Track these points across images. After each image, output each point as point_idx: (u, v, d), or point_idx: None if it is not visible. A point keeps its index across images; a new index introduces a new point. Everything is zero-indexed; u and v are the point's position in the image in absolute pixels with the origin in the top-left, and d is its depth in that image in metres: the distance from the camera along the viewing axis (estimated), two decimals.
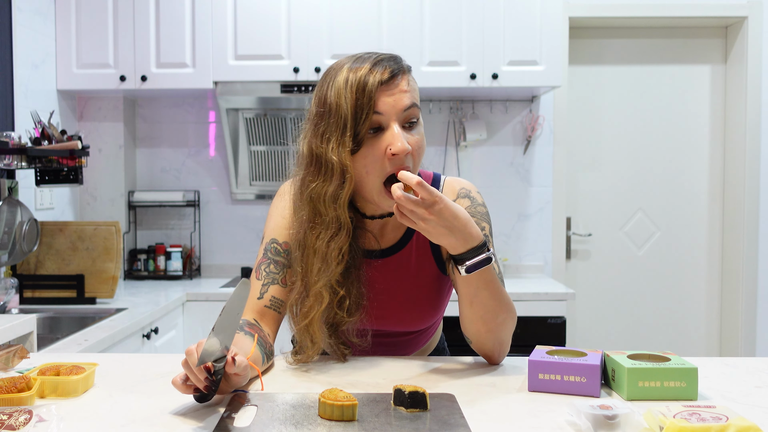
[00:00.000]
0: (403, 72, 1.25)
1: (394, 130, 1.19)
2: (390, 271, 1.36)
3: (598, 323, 3.85)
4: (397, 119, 1.21)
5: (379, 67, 1.22)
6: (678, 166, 3.82)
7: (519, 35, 3.23)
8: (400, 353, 1.45)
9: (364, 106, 1.19)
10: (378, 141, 1.20)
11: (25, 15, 2.97)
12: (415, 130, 1.24)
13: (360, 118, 1.19)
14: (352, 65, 1.23)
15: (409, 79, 1.26)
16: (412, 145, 1.22)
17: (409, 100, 1.22)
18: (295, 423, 0.97)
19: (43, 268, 2.85)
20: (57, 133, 2.75)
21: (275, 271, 1.33)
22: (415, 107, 1.24)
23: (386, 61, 1.24)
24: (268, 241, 1.35)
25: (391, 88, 1.21)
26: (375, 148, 1.20)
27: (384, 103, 1.20)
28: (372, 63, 1.23)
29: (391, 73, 1.22)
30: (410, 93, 1.23)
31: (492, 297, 1.21)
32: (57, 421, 0.93)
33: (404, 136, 1.20)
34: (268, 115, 3.41)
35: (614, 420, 0.91)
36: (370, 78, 1.20)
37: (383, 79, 1.20)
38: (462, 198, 1.36)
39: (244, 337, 1.20)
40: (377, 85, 1.20)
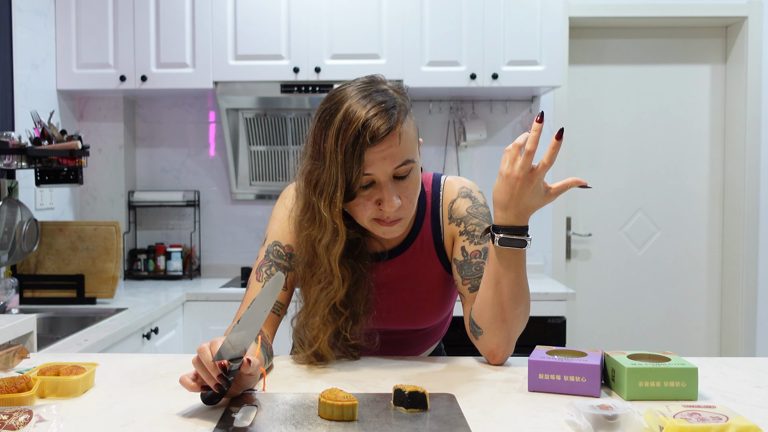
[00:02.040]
0: (396, 126, 1.19)
1: (385, 189, 1.20)
2: (396, 271, 1.37)
3: (598, 323, 3.85)
4: (388, 176, 1.20)
5: (371, 124, 1.16)
6: (678, 166, 3.82)
7: (519, 35, 3.23)
8: (410, 352, 1.46)
9: (354, 167, 1.18)
10: (370, 193, 1.22)
11: (25, 15, 2.97)
12: (408, 181, 1.23)
13: (351, 178, 1.19)
14: (347, 114, 1.18)
15: (401, 132, 1.19)
16: (405, 195, 1.22)
17: (400, 159, 1.20)
18: (295, 423, 0.97)
19: (43, 268, 2.85)
20: (57, 133, 2.75)
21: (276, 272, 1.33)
22: (407, 163, 1.21)
23: (380, 116, 1.17)
24: (271, 243, 1.35)
25: (382, 146, 1.18)
26: (366, 199, 1.22)
27: (374, 165, 1.19)
28: (364, 119, 1.16)
29: (383, 133, 1.17)
30: (402, 149, 1.19)
31: (517, 283, 1.23)
32: (57, 421, 0.93)
33: (396, 189, 1.21)
34: (268, 115, 3.41)
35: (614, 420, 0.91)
36: (360, 138, 1.16)
37: (374, 138, 1.16)
38: (463, 198, 1.37)
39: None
40: (367, 146, 1.17)
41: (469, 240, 1.34)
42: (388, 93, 1.22)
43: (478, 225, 1.34)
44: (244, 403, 1.06)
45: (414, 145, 1.24)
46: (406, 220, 1.26)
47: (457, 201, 1.37)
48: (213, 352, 0.99)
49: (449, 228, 1.36)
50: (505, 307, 1.24)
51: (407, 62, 3.22)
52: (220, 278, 3.54)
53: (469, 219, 1.35)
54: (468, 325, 1.31)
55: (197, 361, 1.00)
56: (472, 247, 1.33)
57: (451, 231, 1.36)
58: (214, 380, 0.99)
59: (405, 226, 1.27)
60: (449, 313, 1.49)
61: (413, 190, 1.24)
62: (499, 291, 1.23)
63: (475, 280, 1.32)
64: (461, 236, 1.35)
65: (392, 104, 1.20)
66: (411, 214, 1.27)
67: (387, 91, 1.23)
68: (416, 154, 1.25)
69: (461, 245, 1.34)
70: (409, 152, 1.22)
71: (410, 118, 1.24)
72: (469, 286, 1.33)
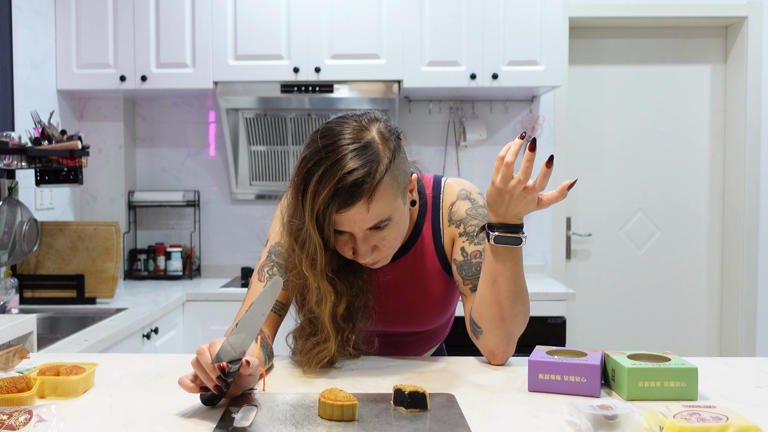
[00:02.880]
0: (365, 195, 1.15)
1: (359, 242, 1.21)
2: (396, 274, 1.37)
3: (598, 323, 3.85)
4: (361, 232, 1.20)
5: (340, 194, 1.14)
6: (678, 166, 3.81)
7: (519, 35, 3.23)
8: (411, 354, 1.46)
9: (327, 227, 1.18)
10: (346, 240, 1.22)
11: (25, 15, 2.97)
12: (386, 231, 1.22)
13: (324, 233, 1.19)
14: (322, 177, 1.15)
15: (372, 199, 1.16)
16: (383, 243, 1.22)
17: (371, 222, 1.19)
18: (295, 423, 0.97)
19: (43, 268, 2.85)
20: (57, 133, 2.75)
21: (278, 274, 1.33)
22: (381, 222, 1.19)
23: (350, 186, 1.14)
24: (273, 244, 1.36)
25: (351, 213, 1.17)
26: (344, 244, 1.23)
27: (345, 225, 1.19)
28: (335, 188, 1.14)
29: (350, 203, 1.15)
30: (373, 214, 1.17)
31: (514, 281, 1.24)
32: (57, 421, 0.93)
33: (373, 239, 1.21)
34: (268, 115, 3.41)
35: (614, 420, 0.91)
36: (330, 205, 1.15)
37: (341, 207, 1.16)
38: (462, 200, 1.37)
39: None
40: (336, 212, 1.16)
41: (468, 240, 1.34)
42: (370, 149, 1.16)
43: (478, 226, 1.34)
44: (244, 403, 1.06)
45: (391, 204, 1.19)
46: (388, 257, 1.27)
47: (456, 203, 1.37)
48: (212, 354, 0.99)
49: (449, 230, 1.37)
50: (503, 305, 1.24)
51: (407, 62, 3.22)
52: (220, 278, 3.54)
53: (468, 220, 1.35)
54: (468, 324, 1.32)
55: (196, 362, 1.00)
56: (472, 247, 1.33)
57: (451, 233, 1.37)
58: (213, 382, 0.99)
59: (388, 259, 1.28)
60: (451, 315, 1.49)
61: (393, 237, 1.23)
62: (496, 290, 1.23)
63: (475, 280, 1.32)
64: (461, 237, 1.35)
65: (370, 168, 1.15)
66: (393, 251, 1.27)
67: (370, 146, 1.17)
68: (396, 208, 1.21)
69: (461, 246, 1.34)
70: (384, 213, 1.18)
71: (391, 175, 1.18)
72: (470, 286, 1.33)
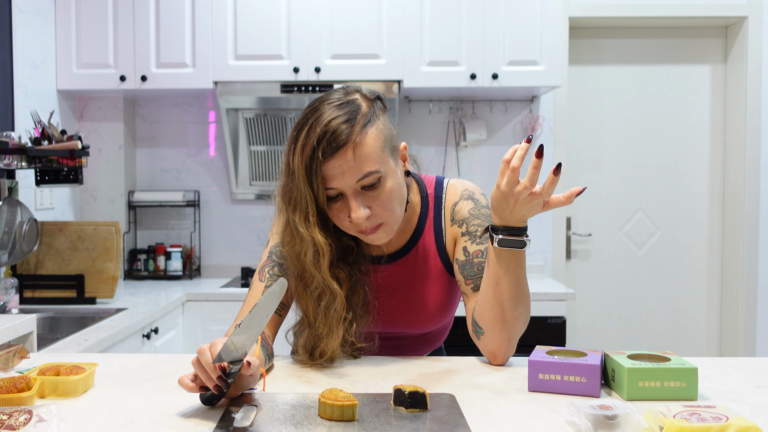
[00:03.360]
0: (350, 139, 1.18)
1: (351, 200, 1.21)
2: (397, 274, 1.37)
3: (598, 323, 3.85)
4: (352, 189, 1.20)
5: (324, 140, 1.17)
6: (678, 166, 3.82)
7: (519, 35, 3.23)
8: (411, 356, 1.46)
9: (315, 183, 1.19)
10: (341, 205, 1.22)
11: (25, 15, 2.97)
12: (378, 190, 1.22)
13: (316, 193, 1.20)
14: (308, 131, 1.19)
15: (357, 144, 1.18)
16: (375, 206, 1.22)
17: (359, 173, 1.19)
18: (295, 423, 0.97)
19: (43, 268, 2.85)
20: (57, 133, 2.75)
21: (279, 273, 1.34)
22: (370, 175, 1.20)
23: (333, 130, 1.17)
24: (274, 244, 1.36)
25: (338, 161, 1.18)
26: (340, 212, 1.23)
27: (334, 181, 1.19)
28: (320, 134, 1.18)
29: (334, 149, 1.17)
30: (361, 163, 1.18)
31: (517, 283, 1.23)
32: (57, 421, 0.93)
33: (363, 201, 1.21)
34: (268, 115, 3.41)
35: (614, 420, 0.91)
36: (315, 154, 1.18)
37: (325, 154, 1.17)
38: (465, 200, 1.37)
39: None
40: (323, 162, 1.18)
41: (471, 240, 1.34)
42: (353, 104, 1.21)
43: (480, 226, 1.34)
44: (244, 403, 1.06)
45: (379, 156, 1.21)
46: (389, 225, 1.25)
47: (459, 203, 1.37)
48: (213, 354, 0.99)
49: (451, 230, 1.37)
50: (505, 307, 1.24)
51: (407, 62, 3.22)
52: (220, 278, 3.54)
53: (471, 220, 1.35)
54: (470, 325, 1.31)
55: (196, 362, 1.00)
56: (474, 247, 1.33)
57: (453, 233, 1.36)
58: (214, 381, 0.99)
59: (390, 231, 1.26)
60: (451, 317, 1.49)
61: (386, 198, 1.22)
62: (499, 292, 1.23)
63: (477, 280, 1.32)
64: (463, 237, 1.35)
65: (352, 114, 1.19)
66: (393, 220, 1.25)
67: (353, 102, 1.22)
68: (385, 164, 1.22)
69: (463, 245, 1.34)
70: (371, 164, 1.19)
71: (375, 128, 1.21)
72: (471, 286, 1.33)
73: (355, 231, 1.25)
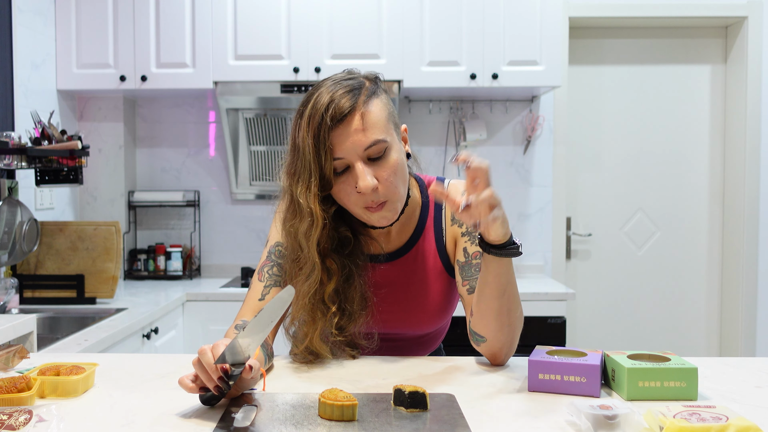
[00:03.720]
0: (358, 106, 1.20)
1: (357, 169, 1.20)
2: (396, 274, 1.37)
3: (598, 323, 3.85)
4: (359, 158, 1.20)
5: (332, 107, 1.19)
6: (678, 166, 3.82)
7: (519, 35, 3.23)
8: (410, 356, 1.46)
9: (322, 152, 1.20)
10: (348, 178, 1.22)
11: (25, 15, 2.97)
12: (384, 161, 1.22)
13: (322, 163, 1.20)
14: (314, 103, 1.22)
15: (364, 112, 1.20)
16: (381, 178, 1.21)
17: (367, 140, 1.20)
18: (295, 423, 0.97)
19: (43, 268, 2.85)
20: (57, 133, 2.75)
21: (278, 273, 1.34)
22: (377, 143, 1.20)
23: (340, 99, 1.20)
24: (273, 244, 1.36)
25: (346, 128, 1.19)
26: (346, 185, 1.22)
27: (342, 148, 1.20)
28: (327, 102, 1.20)
29: (342, 113, 1.19)
30: (368, 130, 1.20)
31: (515, 289, 1.23)
32: (57, 421, 0.93)
33: (370, 171, 1.20)
34: (268, 115, 3.41)
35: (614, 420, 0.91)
36: (323, 121, 1.19)
37: (334, 118, 1.19)
38: None
39: None
40: (331, 129, 1.19)
41: (470, 240, 1.34)
42: (357, 79, 1.26)
43: None
44: (244, 403, 1.06)
45: (385, 126, 1.23)
46: (394, 203, 1.25)
47: None
48: (215, 355, 0.99)
49: (451, 230, 1.36)
50: (510, 311, 1.23)
51: (407, 62, 3.22)
52: (220, 278, 3.54)
53: None
54: (470, 335, 1.30)
55: (197, 362, 1.00)
56: (474, 247, 1.33)
57: (453, 232, 1.36)
58: (214, 382, 0.99)
59: (395, 210, 1.26)
60: (449, 318, 1.48)
61: (391, 171, 1.22)
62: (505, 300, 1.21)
63: (473, 281, 1.32)
64: (463, 237, 1.35)
65: (356, 86, 1.23)
66: (398, 197, 1.25)
67: (356, 78, 1.26)
68: (390, 136, 1.23)
69: (463, 246, 1.34)
70: (378, 132, 1.21)
71: (379, 100, 1.24)
72: (467, 288, 1.33)
73: (361, 207, 1.23)
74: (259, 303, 1.32)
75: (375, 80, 1.29)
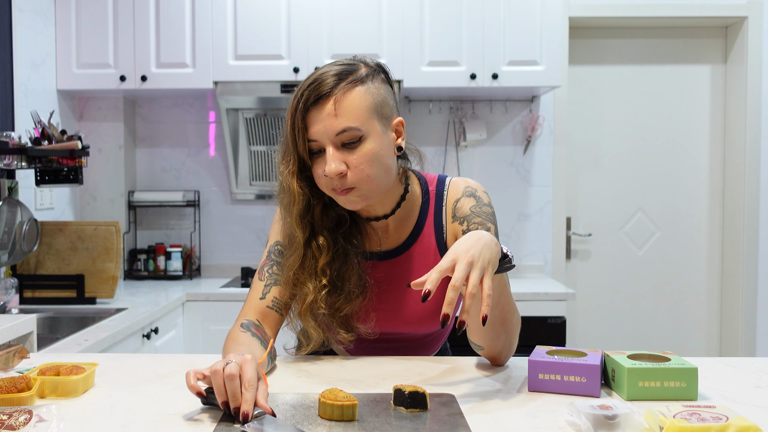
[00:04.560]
0: (333, 94, 1.21)
1: (327, 153, 1.22)
2: (395, 272, 1.36)
3: (598, 323, 3.85)
4: (331, 142, 1.22)
5: (309, 90, 1.22)
6: (678, 167, 3.82)
7: (519, 35, 3.23)
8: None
9: (296, 132, 1.23)
10: (321, 160, 1.24)
11: (25, 15, 2.97)
12: (358, 148, 1.22)
13: (297, 143, 1.24)
14: (302, 83, 1.25)
15: (339, 98, 1.21)
16: (351, 165, 1.22)
17: (338, 125, 1.20)
18: (295, 423, 0.97)
19: (43, 268, 2.85)
20: (57, 133, 2.75)
21: (278, 272, 1.34)
22: (349, 131, 1.20)
23: (319, 83, 1.22)
24: (273, 243, 1.37)
25: (320, 112, 1.21)
26: (318, 167, 1.25)
27: (314, 130, 1.22)
28: (307, 85, 1.23)
29: (315, 98, 1.21)
30: (340, 116, 1.20)
31: (509, 297, 1.24)
32: (57, 421, 0.93)
33: (339, 157, 1.21)
34: (268, 115, 3.41)
35: (614, 420, 0.91)
36: (300, 104, 1.22)
37: (309, 103, 1.21)
38: (467, 197, 1.36)
39: (254, 340, 1.23)
40: (305, 111, 1.22)
41: None
42: (352, 65, 1.26)
43: (481, 224, 1.33)
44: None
45: (362, 115, 1.22)
46: (362, 191, 1.24)
47: (461, 200, 1.36)
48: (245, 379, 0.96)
49: (452, 227, 1.36)
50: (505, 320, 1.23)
51: (407, 62, 3.21)
52: (220, 278, 3.54)
53: (472, 218, 1.34)
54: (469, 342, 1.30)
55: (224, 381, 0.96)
56: None
57: (454, 230, 1.35)
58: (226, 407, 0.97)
59: (364, 197, 1.25)
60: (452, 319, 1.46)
61: (363, 159, 1.22)
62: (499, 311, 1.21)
63: None
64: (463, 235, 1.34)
65: (346, 71, 1.24)
66: (369, 186, 1.24)
67: (353, 64, 1.26)
68: (368, 125, 1.22)
69: None
70: (351, 120, 1.21)
71: (365, 88, 1.23)
72: None
73: (329, 189, 1.25)
74: (260, 302, 1.33)
75: (374, 68, 1.29)
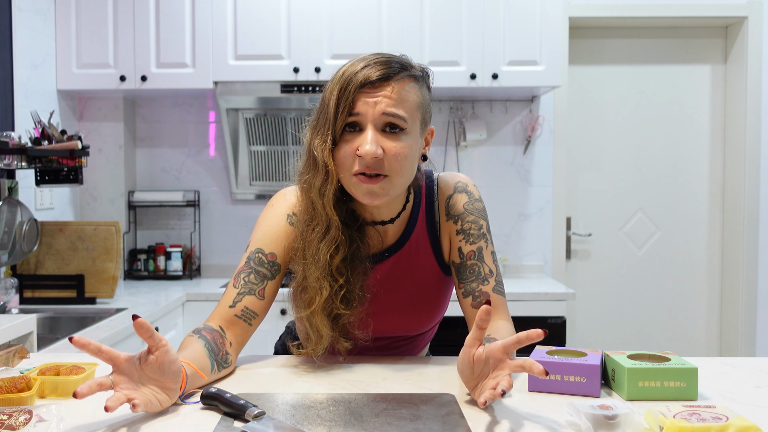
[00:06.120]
0: (394, 79, 1.19)
1: (368, 132, 1.18)
2: (390, 269, 1.34)
3: (598, 323, 3.85)
4: (373, 123, 1.18)
5: (370, 69, 1.19)
6: (678, 166, 3.82)
7: (519, 35, 3.23)
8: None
9: (342, 103, 1.18)
10: (353, 139, 1.20)
11: (25, 15, 2.97)
12: (397, 138, 1.19)
13: (339, 114, 1.19)
14: (354, 62, 1.22)
15: (400, 88, 1.19)
16: (388, 152, 1.19)
17: (389, 108, 1.18)
18: (295, 423, 0.97)
19: (43, 268, 2.85)
20: (57, 133, 2.75)
21: (254, 281, 1.27)
22: (397, 117, 1.18)
23: (383, 65, 1.20)
24: (254, 249, 1.29)
25: (375, 91, 1.18)
26: (350, 145, 1.20)
27: (362, 105, 1.18)
28: (368, 63, 1.20)
29: (379, 77, 1.18)
30: (395, 101, 1.18)
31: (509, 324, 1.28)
32: (57, 421, 0.93)
33: (378, 141, 1.18)
34: (268, 115, 3.41)
35: (614, 420, 0.91)
36: (356, 78, 1.18)
37: (367, 80, 1.18)
38: (459, 193, 1.35)
39: (197, 340, 1.17)
40: (359, 86, 1.18)
41: (465, 239, 1.32)
42: (406, 61, 1.25)
43: (474, 222, 1.33)
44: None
45: (413, 110, 1.21)
46: (390, 184, 1.20)
47: (454, 196, 1.35)
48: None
49: (446, 225, 1.34)
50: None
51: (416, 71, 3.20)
52: (220, 278, 3.54)
53: (465, 216, 1.33)
54: None
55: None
56: (468, 247, 1.32)
57: (449, 228, 1.34)
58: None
59: (389, 191, 1.21)
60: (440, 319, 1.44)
61: (400, 153, 1.19)
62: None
63: (468, 284, 1.31)
64: (458, 236, 1.33)
65: (405, 63, 1.23)
66: (396, 181, 1.21)
67: (407, 61, 1.25)
68: (413, 123, 1.21)
69: (458, 245, 1.33)
70: (404, 109, 1.19)
71: (417, 86, 1.24)
72: (462, 291, 1.32)
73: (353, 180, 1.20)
74: (228, 310, 1.25)
75: (425, 72, 1.28)
